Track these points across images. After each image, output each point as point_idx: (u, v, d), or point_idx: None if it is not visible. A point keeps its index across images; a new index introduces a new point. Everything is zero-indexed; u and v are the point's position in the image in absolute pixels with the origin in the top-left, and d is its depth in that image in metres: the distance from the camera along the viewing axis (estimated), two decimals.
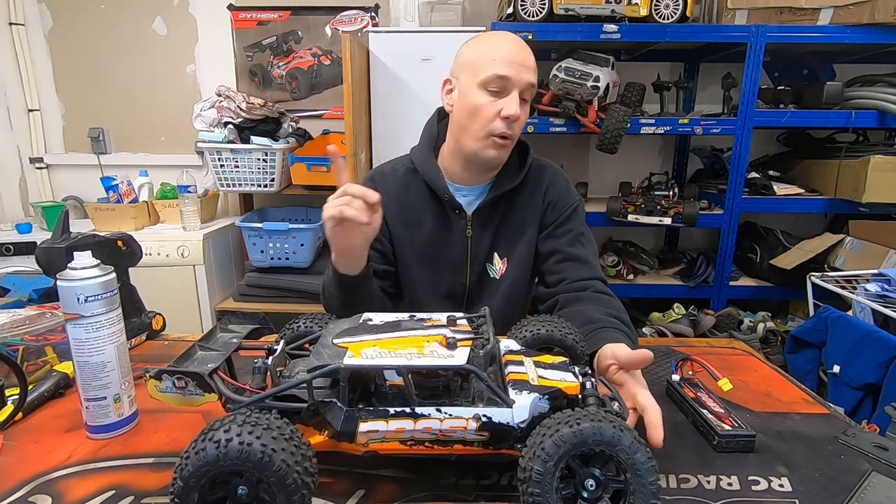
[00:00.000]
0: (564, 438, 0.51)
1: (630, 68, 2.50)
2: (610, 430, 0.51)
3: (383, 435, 0.59)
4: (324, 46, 2.70)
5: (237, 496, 0.52)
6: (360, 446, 0.60)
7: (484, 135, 1.03)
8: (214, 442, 0.50)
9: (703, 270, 2.39)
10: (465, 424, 0.59)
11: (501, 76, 1.00)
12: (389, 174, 1.17)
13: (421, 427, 0.59)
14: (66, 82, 2.76)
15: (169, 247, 2.28)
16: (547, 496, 0.51)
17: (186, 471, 0.50)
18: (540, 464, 0.51)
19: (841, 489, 0.63)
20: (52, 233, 0.91)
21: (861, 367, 1.55)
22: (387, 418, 0.59)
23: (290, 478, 0.50)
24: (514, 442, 0.59)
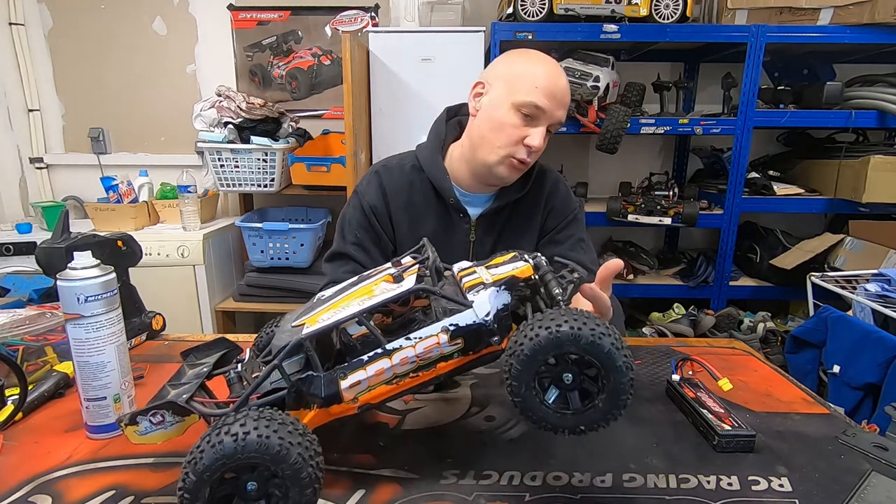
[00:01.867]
0: (542, 341, 0.52)
1: (630, 68, 2.50)
2: (588, 334, 0.51)
3: (367, 384, 0.60)
4: (324, 46, 2.70)
5: (246, 492, 0.51)
6: (350, 404, 0.60)
7: (504, 154, 1.02)
8: (232, 435, 0.50)
9: (703, 270, 2.39)
10: (437, 340, 0.59)
11: (539, 107, 0.98)
12: (395, 169, 1.15)
13: (398, 360, 0.59)
14: (66, 82, 2.76)
15: (169, 247, 2.28)
16: (529, 402, 0.54)
17: (201, 464, 0.50)
18: (517, 361, 0.53)
19: (841, 489, 0.63)
20: (52, 233, 0.91)
21: (861, 367, 1.55)
22: (364, 366, 0.60)
23: (305, 471, 0.51)
24: (488, 339, 0.60)
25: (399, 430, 0.76)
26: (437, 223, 1.13)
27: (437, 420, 0.78)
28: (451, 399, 0.84)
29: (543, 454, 0.70)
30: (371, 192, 1.13)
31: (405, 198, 1.13)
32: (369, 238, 1.12)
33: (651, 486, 0.64)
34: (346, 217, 1.15)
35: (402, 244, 1.14)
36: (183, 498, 0.51)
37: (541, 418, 0.55)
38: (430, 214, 1.13)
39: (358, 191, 1.15)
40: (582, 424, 0.55)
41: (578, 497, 0.62)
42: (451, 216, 1.13)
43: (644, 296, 2.42)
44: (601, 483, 0.64)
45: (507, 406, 0.82)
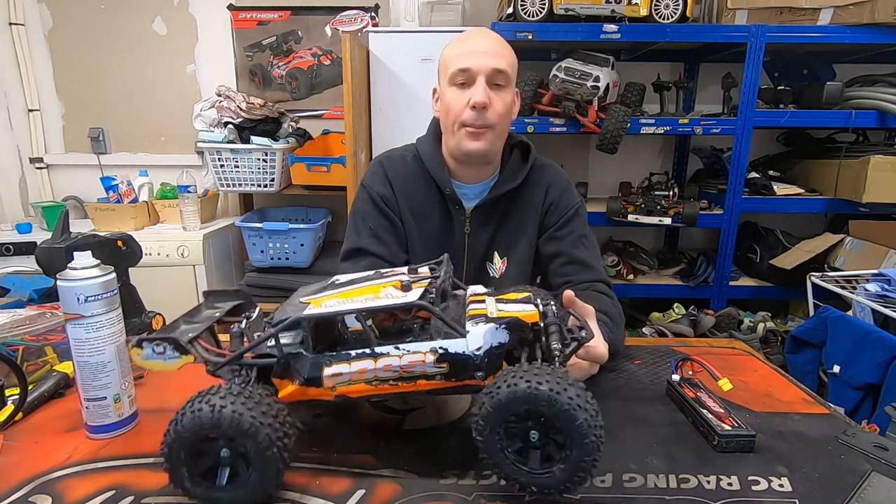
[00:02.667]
0: (518, 393, 0.53)
1: (630, 68, 2.49)
2: (564, 401, 0.52)
3: (348, 377, 0.62)
4: (324, 46, 2.70)
5: (219, 457, 0.58)
6: (328, 391, 0.63)
7: (457, 128, 1.05)
8: (210, 405, 0.56)
9: (703, 270, 2.39)
10: (424, 358, 0.61)
11: (463, 69, 1.02)
12: (398, 160, 1.17)
13: (382, 365, 0.61)
14: (66, 82, 2.76)
15: (169, 247, 2.28)
16: (489, 445, 0.56)
17: (181, 426, 0.56)
18: (490, 403, 0.55)
19: (841, 489, 0.63)
20: (52, 233, 0.91)
21: (861, 367, 1.55)
22: (349, 360, 0.62)
23: (271, 451, 0.56)
24: (473, 372, 0.61)
25: (399, 430, 0.76)
26: (439, 215, 1.15)
27: (437, 420, 0.78)
28: (451, 399, 0.84)
29: None
30: (377, 182, 1.15)
31: (409, 188, 1.15)
32: (384, 227, 1.13)
33: (651, 486, 0.64)
34: (357, 212, 1.16)
35: (409, 233, 1.15)
36: (164, 453, 0.57)
37: (497, 464, 0.57)
38: (431, 206, 1.14)
39: (365, 184, 1.17)
40: (534, 485, 0.56)
41: (578, 497, 0.62)
42: (449, 208, 1.14)
43: (644, 296, 2.42)
44: (601, 483, 0.64)
45: None
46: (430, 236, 1.15)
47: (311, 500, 0.61)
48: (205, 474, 0.59)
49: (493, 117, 1.03)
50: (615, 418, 0.78)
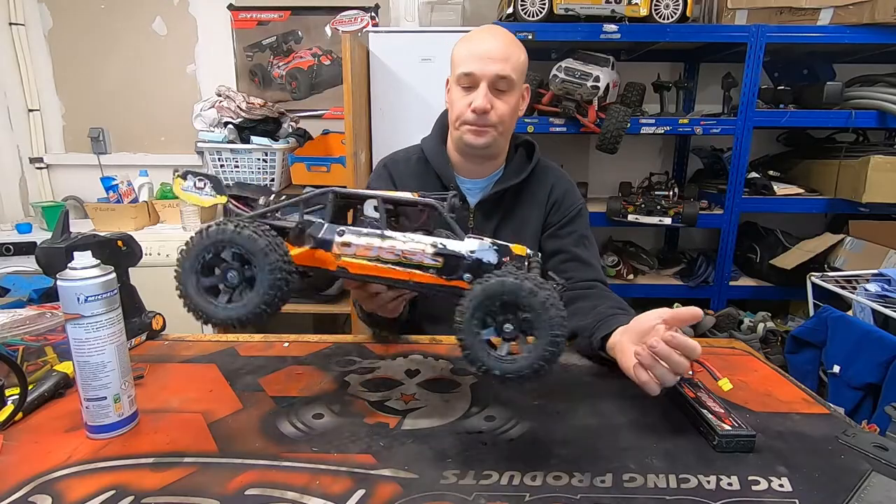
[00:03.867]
0: (475, 292, 0.61)
1: (630, 68, 2.49)
2: (511, 280, 0.60)
3: (354, 250, 0.70)
4: (324, 46, 2.70)
5: (225, 277, 0.65)
6: (333, 258, 0.71)
7: (459, 124, 1.10)
8: (234, 224, 0.63)
9: (703, 270, 2.39)
10: (424, 248, 0.69)
11: (467, 73, 1.05)
12: (402, 162, 1.21)
13: (387, 245, 0.69)
14: (66, 82, 2.76)
15: (169, 247, 2.28)
16: (468, 334, 0.62)
17: (206, 233, 0.64)
18: (459, 313, 0.62)
19: (841, 489, 0.63)
20: (52, 233, 0.91)
21: (861, 367, 1.55)
22: (360, 235, 0.70)
23: (275, 275, 0.63)
24: (462, 272, 0.68)
25: (399, 430, 0.76)
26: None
27: (437, 420, 0.78)
28: (451, 399, 0.84)
29: (543, 454, 0.70)
30: (383, 184, 1.18)
31: (414, 188, 1.16)
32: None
33: (651, 486, 0.64)
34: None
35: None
36: (180, 258, 0.65)
37: (469, 346, 0.63)
38: None
39: (370, 186, 1.21)
40: (500, 370, 0.62)
41: (578, 497, 0.62)
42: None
43: (644, 296, 2.42)
44: (601, 483, 0.64)
45: (507, 406, 0.82)
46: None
47: (311, 500, 0.61)
48: (208, 289, 0.66)
49: (494, 119, 1.06)
50: (615, 418, 0.79)
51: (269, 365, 0.95)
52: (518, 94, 1.11)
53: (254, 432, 0.75)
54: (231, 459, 0.69)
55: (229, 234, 0.63)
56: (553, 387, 0.88)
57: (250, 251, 0.63)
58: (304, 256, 0.71)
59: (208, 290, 0.66)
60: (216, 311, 0.66)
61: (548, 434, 0.75)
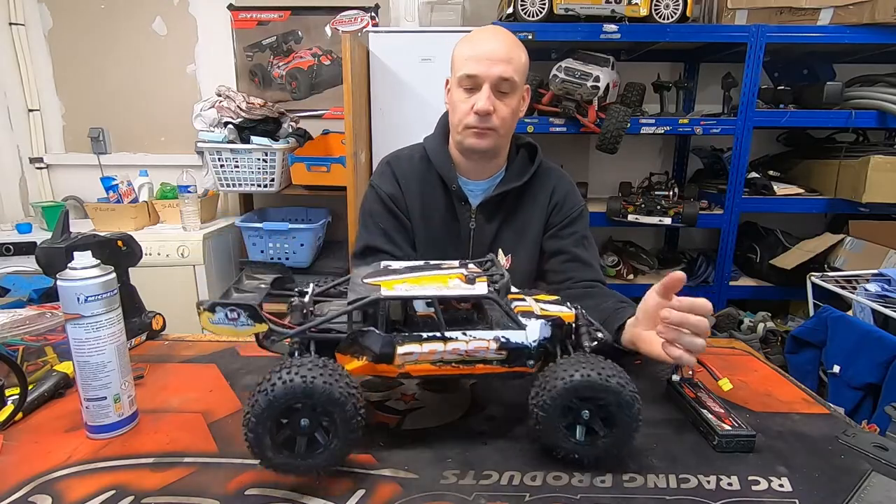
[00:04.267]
0: (559, 389, 0.63)
1: (630, 68, 2.49)
2: (599, 381, 0.63)
3: (417, 357, 0.68)
4: (324, 46, 2.70)
5: (300, 427, 0.60)
6: (395, 368, 0.68)
7: (462, 128, 1.09)
8: (301, 377, 0.59)
9: (703, 270, 2.39)
10: (487, 345, 0.68)
11: (470, 75, 1.05)
12: (405, 160, 1.20)
13: (450, 348, 0.67)
14: (66, 82, 2.76)
15: (169, 247, 2.28)
16: (552, 423, 0.65)
17: (272, 395, 0.58)
18: (541, 406, 0.64)
19: (841, 489, 0.63)
20: (52, 233, 0.91)
21: (861, 367, 1.55)
22: (420, 342, 0.67)
23: (355, 420, 0.60)
24: (526, 360, 0.69)
25: (399, 430, 0.76)
26: (445, 212, 1.17)
27: (437, 420, 0.78)
28: (451, 399, 0.84)
29: (543, 454, 0.70)
30: (386, 181, 1.18)
31: (416, 186, 1.18)
32: (393, 226, 1.17)
33: (651, 486, 0.64)
34: (366, 211, 1.20)
35: (415, 229, 1.18)
36: (249, 422, 0.59)
37: (552, 437, 0.65)
38: (437, 202, 1.17)
39: (373, 183, 1.20)
40: (581, 454, 0.65)
41: (578, 497, 0.62)
42: (455, 205, 1.17)
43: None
44: (601, 483, 0.64)
45: (507, 406, 0.82)
46: (437, 232, 1.17)
47: (311, 500, 0.61)
48: (284, 443, 0.61)
49: (496, 121, 1.06)
50: None
51: (269, 365, 0.94)
52: (519, 96, 1.11)
53: None
54: (231, 459, 0.69)
55: (300, 390, 0.58)
56: None
57: (326, 403, 0.60)
58: (364, 369, 0.68)
59: (283, 444, 0.61)
60: (297, 464, 0.61)
61: None
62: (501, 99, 1.06)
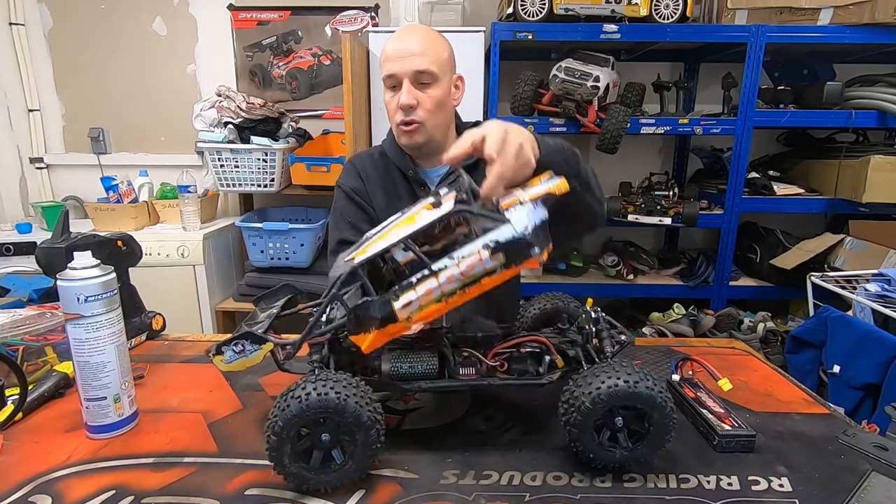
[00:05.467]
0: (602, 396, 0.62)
1: (630, 68, 2.49)
2: (645, 392, 0.62)
3: (418, 303, 0.63)
4: (324, 46, 2.70)
5: (321, 442, 0.60)
6: (405, 323, 0.64)
7: (395, 126, 1.14)
8: (296, 398, 0.58)
9: (703, 270, 2.39)
10: (479, 256, 0.62)
11: (389, 74, 1.09)
12: (367, 158, 1.26)
13: (444, 279, 0.63)
14: (66, 82, 2.76)
15: (169, 247, 2.28)
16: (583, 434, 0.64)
17: (277, 426, 0.58)
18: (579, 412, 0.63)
19: (841, 489, 0.63)
20: (52, 233, 0.91)
21: (861, 367, 1.55)
22: (413, 287, 0.63)
23: (376, 445, 0.60)
24: (528, 251, 0.63)
25: (399, 430, 0.76)
26: (407, 198, 1.20)
27: (437, 420, 0.78)
28: (451, 399, 0.84)
29: (543, 454, 0.70)
30: (349, 178, 1.24)
31: (378, 178, 1.23)
32: (360, 218, 1.21)
33: (651, 486, 0.64)
34: (336, 210, 1.25)
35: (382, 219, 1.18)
36: (274, 429, 0.58)
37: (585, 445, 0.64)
38: (399, 191, 1.21)
39: (338, 183, 1.26)
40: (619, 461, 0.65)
41: (578, 497, 0.62)
42: (416, 190, 1.20)
43: (644, 296, 2.42)
44: (601, 483, 0.64)
45: (507, 406, 0.82)
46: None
47: (311, 500, 0.61)
48: (301, 454, 0.61)
49: (422, 115, 1.10)
50: None
51: (269, 365, 0.95)
52: (445, 86, 1.12)
53: (254, 432, 0.75)
54: (231, 459, 0.69)
55: (333, 405, 0.58)
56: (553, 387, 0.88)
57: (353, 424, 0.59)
58: (377, 339, 0.65)
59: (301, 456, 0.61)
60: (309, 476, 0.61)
61: (548, 434, 0.75)
62: (424, 91, 1.09)
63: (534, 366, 0.73)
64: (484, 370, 0.72)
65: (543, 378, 0.72)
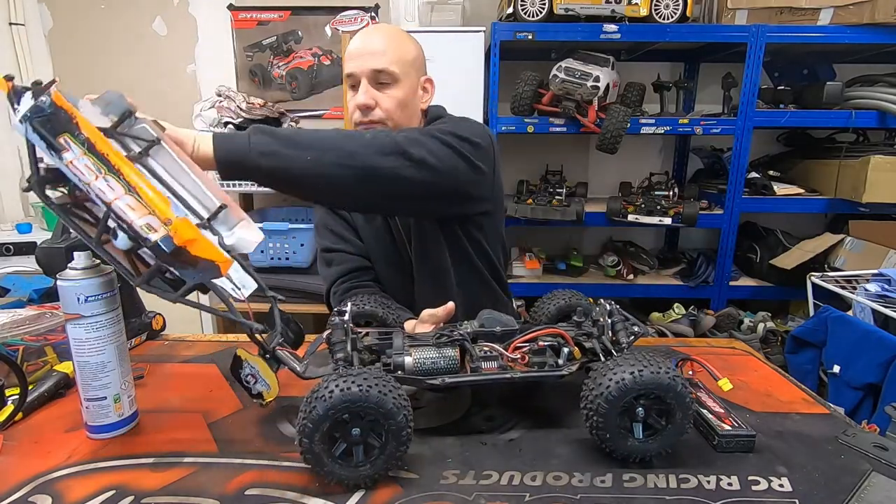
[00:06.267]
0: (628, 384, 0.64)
1: (630, 68, 2.49)
2: (666, 381, 0.64)
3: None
4: (324, 46, 2.70)
5: (350, 435, 0.61)
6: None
7: (353, 126, 1.11)
8: (321, 398, 0.59)
9: (703, 270, 2.39)
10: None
11: (349, 73, 1.08)
12: None
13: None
14: (66, 82, 2.75)
15: None
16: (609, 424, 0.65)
17: (307, 428, 0.59)
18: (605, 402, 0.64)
19: (841, 489, 0.63)
20: (52, 233, 0.91)
21: (861, 367, 1.55)
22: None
23: (390, 403, 0.60)
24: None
25: None
26: None
27: (437, 420, 0.78)
28: (451, 399, 0.84)
29: (543, 454, 0.70)
30: None
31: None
32: (341, 225, 1.22)
33: (651, 486, 0.64)
34: (317, 221, 1.26)
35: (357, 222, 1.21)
36: (304, 428, 0.60)
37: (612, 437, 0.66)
38: None
39: None
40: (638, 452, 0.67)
41: (578, 497, 0.62)
42: None
43: (644, 296, 2.42)
44: (601, 483, 0.64)
45: (507, 406, 0.82)
46: (376, 220, 1.19)
47: (311, 500, 0.61)
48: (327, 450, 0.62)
49: (381, 115, 1.08)
50: None
51: None
52: (407, 87, 1.09)
53: (254, 432, 0.75)
54: (231, 459, 0.69)
55: (357, 398, 0.60)
56: (553, 387, 0.88)
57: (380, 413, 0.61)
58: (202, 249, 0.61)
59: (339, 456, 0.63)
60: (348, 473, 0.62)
61: (548, 434, 0.75)
62: (384, 90, 1.07)
63: (553, 358, 0.75)
64: (505, 363, 0.74)
65: (564, 369, 0.73)
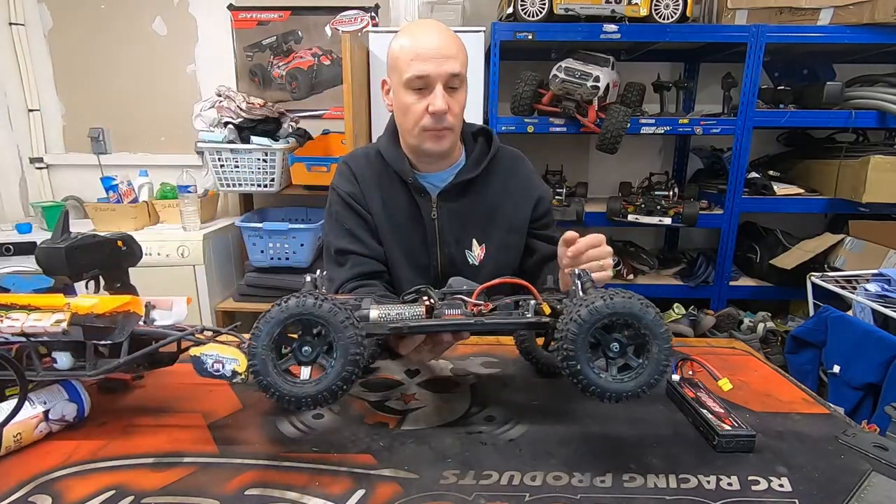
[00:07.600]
0: (598, 309, 0.62)
1: (630, 68, 2.49)
2: (637, 305, 0.63)
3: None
4: (324, 46, 2.70)
5: (301, 354, 0.64)
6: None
7: (418, 132, 1.06)
8: (314, 297, 0.62)
9: (703, 270, 2.39)
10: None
11: (420, 76, 1.01)
12: (362, 158, 1.20)
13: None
14: (66, 82, 2.76)
15: (169, 247, 2.28)
16: (579, 353, 0.62)
17: (283, 306, 0.61)
18: (575, 326, 0.62)
19: (841, 489, 0.63)
20: (52, 233, 0.91)
21: (861, 367, 1.55)
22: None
23: (341, 317, 0.61)
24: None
25: (399, 430, 0.76)
26: (405, 204, 1.17)
27: (437, 420, 0.78)
28: (451, 399, 0.84)
29: (543, 454, 0.70)
30: (344, 181, 1.18)
31: (374, 182, 1.17)
32: (356, 223, 1.17)
33: (651, 486, 0.64)
34: (331, 214, 1.20)
35: (379, 224, 1.17)
36: (256, 332, 0.62)
37: (581, 371, 0.63)
38: (397, 195, 1.17)
39: (333, 185, 1.20)
40: (614, 391, 0.63)
41: (578, 497, 0.62)
42: (415, 196, 1.16)
43: (644, 296, 2.41)
44: (601, 483, 0.64)
45: (507, 406, 0.82)
46: (399, 225, 1.17)
47: (311, 500, 0.61)
48: (274, 359, 0.63)
49: (451, 120, 1.05)
50: (615, 418, 0.78)
51: None
52: (466, 88, 1.10)
53: (254, 432, 0.75)
54: (231, 459, 0.69)
55: (311, 306, 0.61)
56: (552, 387, 0.88)
57: (330, 325, 0.62)
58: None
59: (282, 365, 0.63)
60: (292, 388, 0.62)
61: (548, 434, 0.75)
62: (453, 95, 1.05)
63: (521, 310, 0.76)
64: (469, 311, 0.73)
65: (530, 318, 0.73)
